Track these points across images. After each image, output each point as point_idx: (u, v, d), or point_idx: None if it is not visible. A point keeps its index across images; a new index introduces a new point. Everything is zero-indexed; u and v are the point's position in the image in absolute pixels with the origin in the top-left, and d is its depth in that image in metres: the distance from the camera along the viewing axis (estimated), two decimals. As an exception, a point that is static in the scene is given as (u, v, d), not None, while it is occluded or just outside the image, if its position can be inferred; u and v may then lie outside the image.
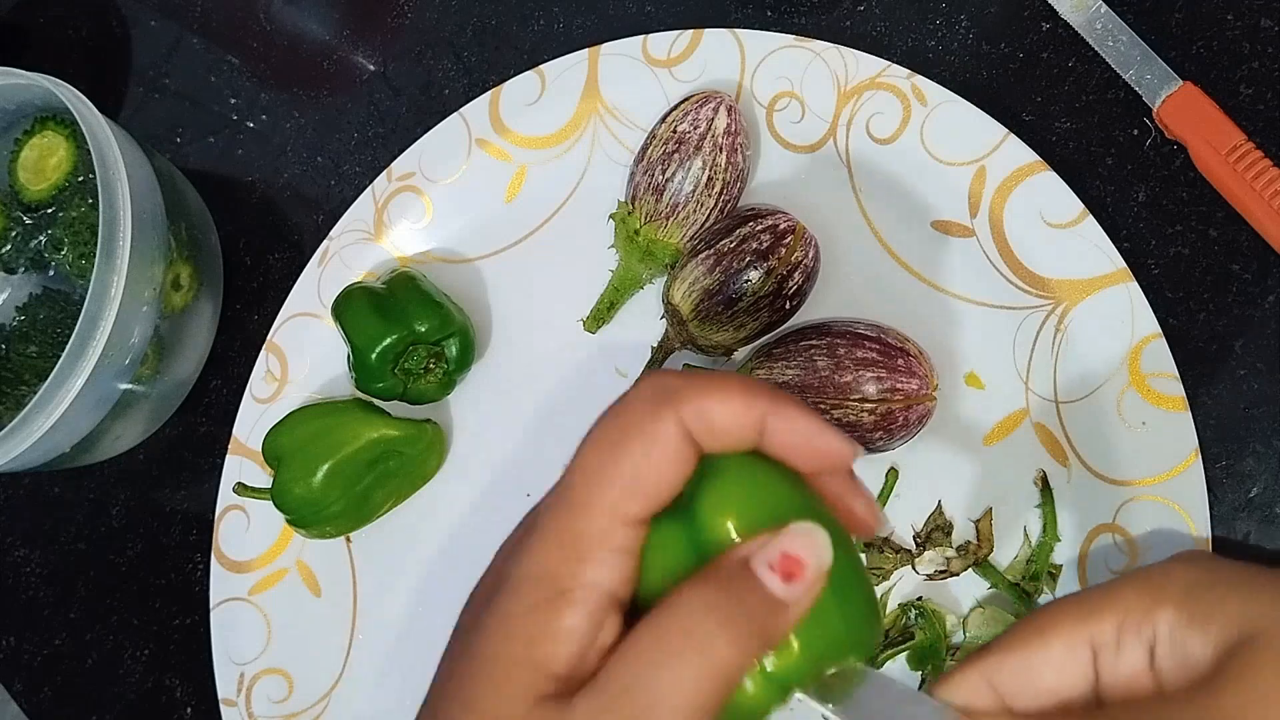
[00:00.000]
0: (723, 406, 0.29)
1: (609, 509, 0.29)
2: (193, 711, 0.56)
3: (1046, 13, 0.50)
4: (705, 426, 0.29)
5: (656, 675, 0.27)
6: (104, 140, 0.49)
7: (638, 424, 0.29)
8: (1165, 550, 0.44)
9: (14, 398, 0.54)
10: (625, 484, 0.29)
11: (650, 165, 0.49)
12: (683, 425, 0.29)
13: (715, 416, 0.29)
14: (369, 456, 0.50)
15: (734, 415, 0.29)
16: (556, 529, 0.29)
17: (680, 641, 0.27)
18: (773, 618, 0.28)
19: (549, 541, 0.29)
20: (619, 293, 0.51)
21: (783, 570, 0.28)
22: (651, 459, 0.29)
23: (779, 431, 0.30)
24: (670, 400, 0.29)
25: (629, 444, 0.29)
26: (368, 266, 0.55)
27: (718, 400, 0.29)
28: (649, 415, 0.29)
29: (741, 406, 0.29)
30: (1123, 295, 0.46)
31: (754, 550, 0.28)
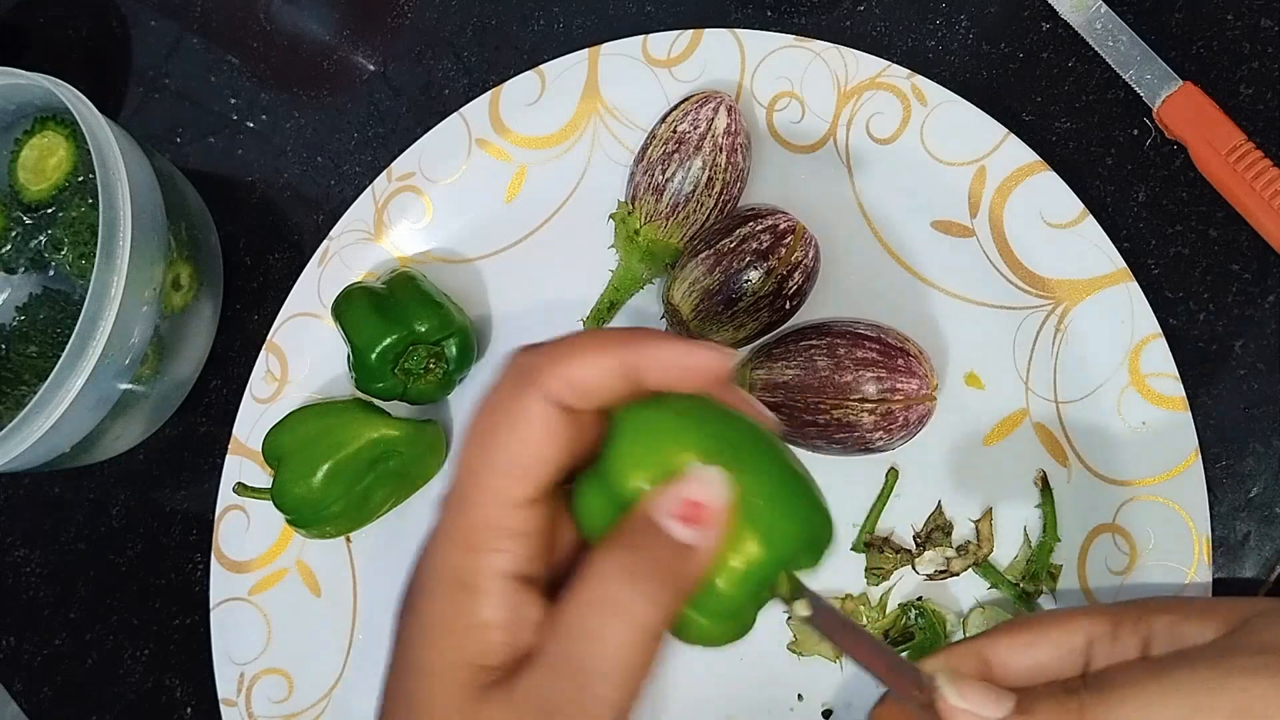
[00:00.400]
0: (582, 368, 0.30)
1: (493, 497, 0.29)
2: (193, 711, 0.56)
3: (1046, 13, 0.50)
4: (574, 391, 0.30)
5: (586, 647, 0.28)
6: (104, 140, 0.49)
7: (504, 408, 0.30)
8: (1165, 550, 0.44)
9: (14, 398, 0.54)
10: (503, 470, 0.29)
11: (650, 165, 0.49)
12: (548, 398, 0.29)
13: (578, 378, 0.30)
14: (369, 456, 0.50)
15: (596, 371, 0.30)
16: (450, 527, 0.30)
17: (601, 610, 0.28)
18: (684, 564, 0.28)
19: (446, 541, 0.30)
20: (619, 293, 0.51)
21: (685, 516, 0.28)
22: (523, 440, 0.29)
23: (647, 369, 0.30)
24: (530, 377, 0.30)
25: (498, 431, 0.30)
26: (368, 266, 0.55)
27: (575, 363, 0.30)
28: (512, 397, 0.30)
29: (599, 361, 0.30)
30: (1123, 295, 0.46)
31: (655, 503, 0.29)
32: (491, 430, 0.30)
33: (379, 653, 0.52)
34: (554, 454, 0.30)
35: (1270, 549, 0.46)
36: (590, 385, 0.30)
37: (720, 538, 0.29)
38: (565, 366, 0.30)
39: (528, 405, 0.29)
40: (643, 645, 0.28)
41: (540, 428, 0.29)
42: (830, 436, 0.45)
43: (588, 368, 0.30)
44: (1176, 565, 0.44)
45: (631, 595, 0.28)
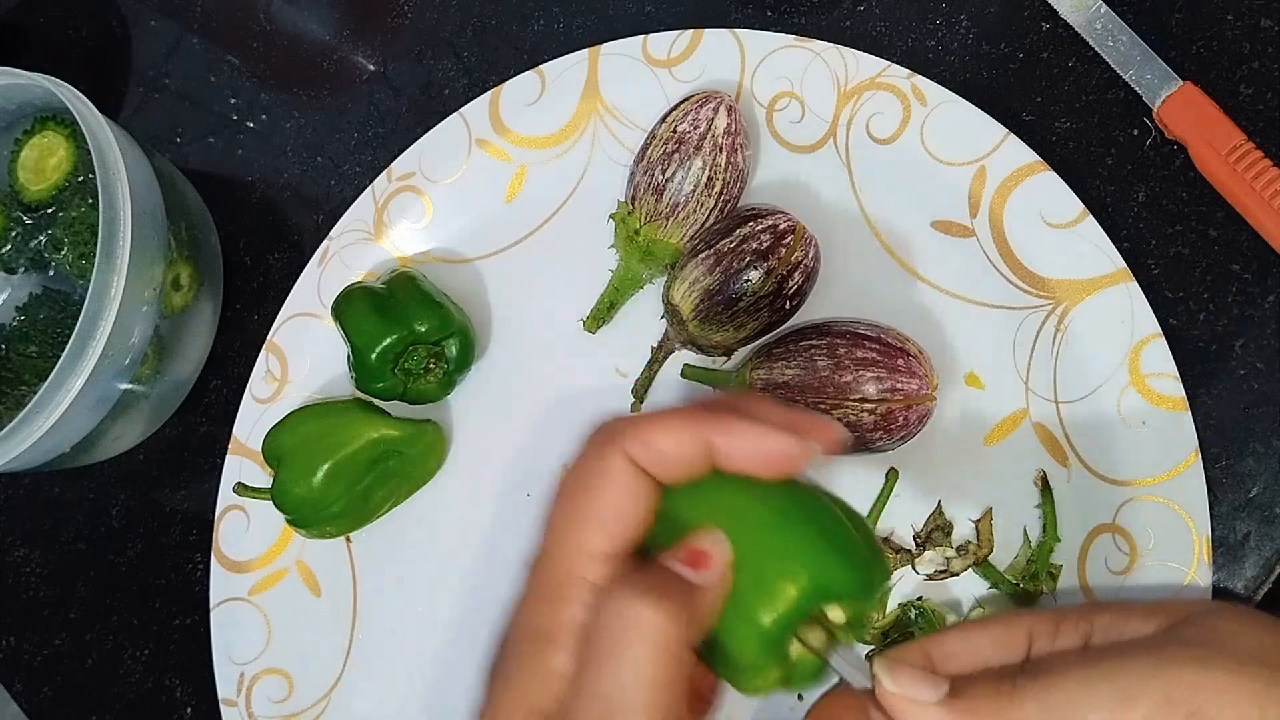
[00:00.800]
0: (664, 435, 0.32)
1: (574, 550, 0.31)
2: (193, 711, 0.56)
3: (1046, 13, 0.50)
4: (654, 457, 0.32)
5: (611, 667, 0.29)
6: (104, 140, 0.49)
7: (588, 468, 0.32)
8: (1165, 550, 0.44)
9: (14, 398, 0.54)
10: (583, 523, 0.32)
11: (650, 165, 0.49)
12: (629, 459, 0.32)
13: (659, 445, 0.32)
14: (369, 456, 0.50)
15: (677, 441, 0.32)
16: (535, 580, 0.32)
17: (620, 632, 0.29)
18: (690, 595, 0.30)
19: (530, 592, 0.32)
20: (619, 293, 0.51)
21: (689, 561, 0.30)
22: (604, 493, 0.32)
23: (726, 451, 0.32)
24: (614, 439, 0.32)
25: (581, 489, 0.32)
26: (368, 266, 0.55)
27: (658, 430, 0.32)
28: (596, 457, 0.32)
29: (680, 432, 0.32)
30: (1123, 295, 0.46)
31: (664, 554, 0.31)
32: (575, 489, 0.32)
33: (379, 653, 0.53)
34: (633, 510, 0.32)
35: (1270, 549, 0.46)
36: (669, 453, 0.32)
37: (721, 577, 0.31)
38: (647, 432, 0.32)
39: (610, 462, 0.32)
40: (663, 661, 0.29)
41: (621, 483, 0.31)
42: (830, 436, 0.45)
43: (669, 435, 0.32)
44: (1176, 565, 0.44)
45: (646, 611, 0.29)
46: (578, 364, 0.52)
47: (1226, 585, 0.46)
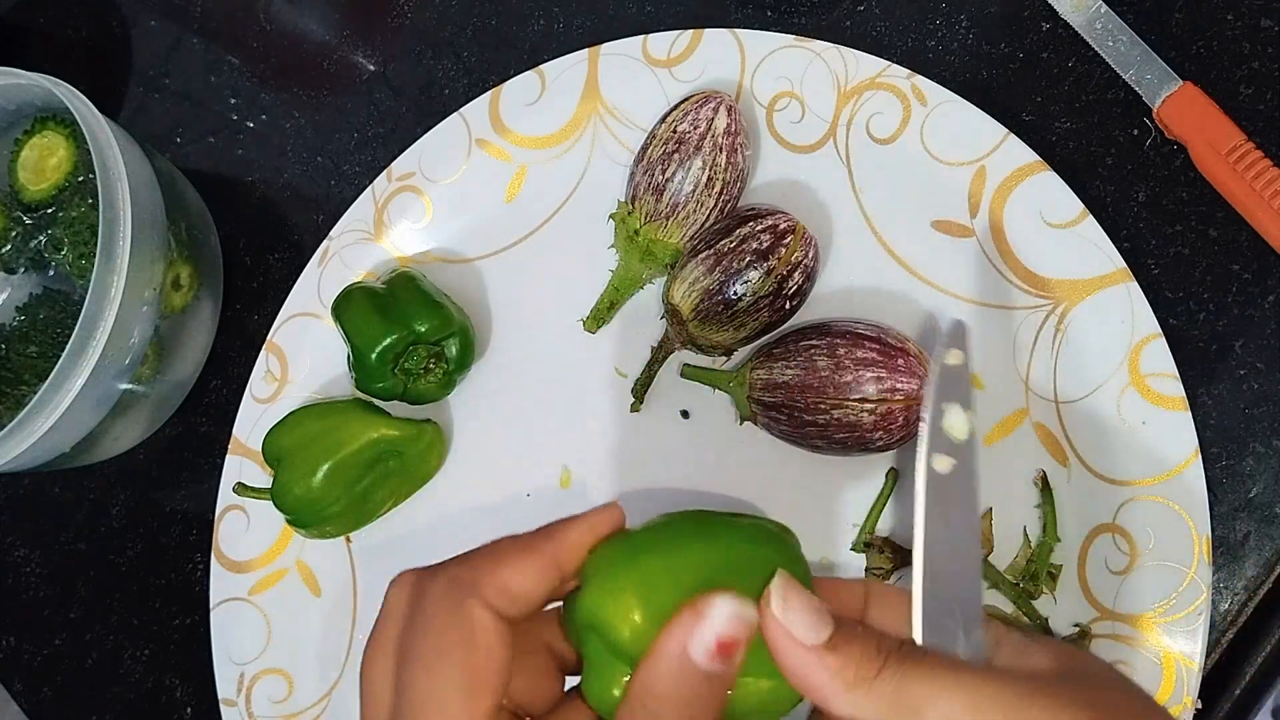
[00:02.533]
0: (516, 574, 0.30)
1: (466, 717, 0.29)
2: (193, 711, 0.56)
3: (1046, 13, 0.50)
4: (512, 599, 0.30)
5: None
6: (104, 140, 0.49)
7: (447, 625, 0.30)
8: (1165, 550, 0.44)
9: (14, 398, 0.54)
10: (463, 690, 0.29)
11: (650, 165, 0.49)
12: (492, 612, 0.30)
13: (515, 585, 0.30)
14: (369, 456, 0.50)
15: (530, 576, 0.31)
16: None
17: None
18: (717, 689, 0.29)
19: None
20: (619, 293, 0.51)
21: (720, 652, 0.29)
22: (478, 651, 0.29)
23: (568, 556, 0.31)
24: (467, 589, 0.30)
25: (447, 649, 0.29)
26: (368, 266, 0.55)
27: (509, 569, 0.30)
28: (452, 612, 0.30)
29: (530, 563, 0.31)
30: (1123, 295, 0.46)
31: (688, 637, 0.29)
32: (439, 651, 0.29)
33: (379, 653, 0.53)
34: (504, 658, 0.30)
35: (1270, 549, 0.46)
36: (527, 591, 0.30)
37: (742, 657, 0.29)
38: (499, 579, 0.30)
39: (474, 616, 0.29)
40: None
41: (493, 637, 0.30)
42: (830, 436, 0.45)
43: (521, 576, 0.30)
44: (1176, 565, 0.44)
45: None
46: (578, 364, 0.52)
47: (1226, 585, 0.46)
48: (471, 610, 0.30)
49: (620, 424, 0.51)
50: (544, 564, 0.31)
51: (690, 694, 0.29)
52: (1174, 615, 0.44)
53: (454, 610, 0.30)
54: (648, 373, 0.50)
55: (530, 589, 0.31)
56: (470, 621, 0.30)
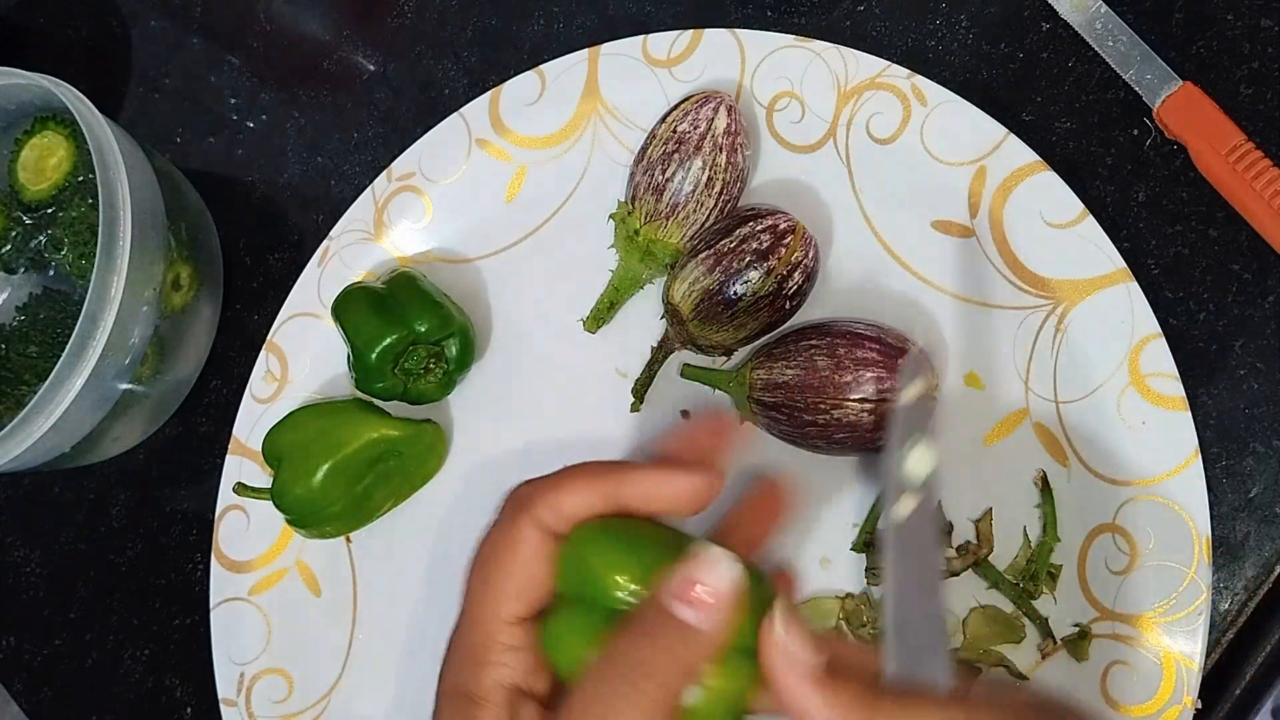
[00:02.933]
0: (570, 497, 0.34)
1: (492, 616, 0.34)
2: (193, 711, 0.56)
3: (1046, 13, 0.50)
4: (562, 520, 0.34)
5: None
6: (104, 140, 0.49)
7: (500, 537, 0.34)
8: (1165, 550, 0.44)
9: (14, 398, 0.54)
10: (500, 591, 0.34)
11: (650, 165, 0.49)
12: (539, 524, 0.34)
13: (567, 508, 0.34)
14: (369, 456, 0.50)
15: (582, 501, 0.34)
16: (457, 646, 0.34)
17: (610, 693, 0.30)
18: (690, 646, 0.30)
19: (453, 658, 0.34)
20: (619, 293, 0.51)
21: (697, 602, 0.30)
22: (517, 562, 0.34)
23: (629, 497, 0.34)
24: (524, 507, 0.34)
25: (496, 557, 0.34)
26: (368, 266, 0.55)
27: (565, 494, 0.34)
28: (508, 527, 0.34)
29: (586, 491, 0.34)
30: (1123, 295, 0.46)
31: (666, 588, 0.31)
32: (490, 557, 0.34)
33: (379, 653, 0.53)
34: (543, 574, 0.34)
35: (1270, 549, 0.46)
36: (576, 514, 0.34)
37: (726, 621, 0.31)
38: (555, 496, 0.34)
39: (522, 532, 0.34)
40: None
41: (531, 551, 0.34)
42: (830, 436, 0.45)
43: (576, 497, 0.34)
44: (1176, 565, 0.44)
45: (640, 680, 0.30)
46: (578, 364, 0.52)
47: (1226, 585, 0.46)
48: (520, 526, 0.34)
49: (620, 424, 0.51)
50: (599, 497, 0.34)
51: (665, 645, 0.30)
52: (1174, 615, 0.44)
53: (508, 523, 0.34)
54: (648, 373, 0.50)
55: (581, 511, 0.34)
56: (517, 535, 0.34)
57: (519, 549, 0.34)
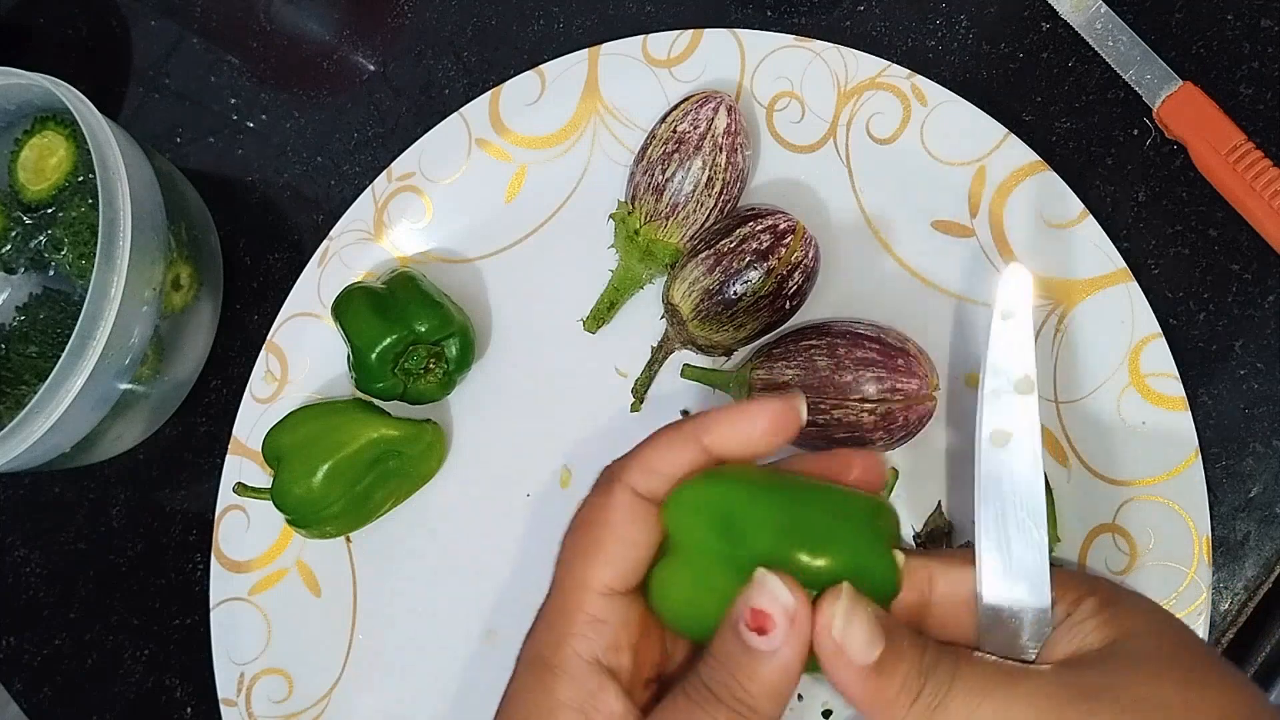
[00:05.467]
0: (661, 453, 0.33)
1: (580, 584, 0.33)
2: (193, 711, 0.56)
3: (1046, 13, 0.50)
4: (657, 480, 0.33)
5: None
6: (104, 140, 0.49)
7: (594, 503, 0.34)
8: (1165, 550, 0.44)
9: (14, 398, 0.54)
10: (588, 559, 0.33)
11: (650, 165, 0.49)
12: (631, 490, 0.33)
13: (659, 466, 0.33)
14: (369, 456, 0.50)
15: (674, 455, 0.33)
16: (543, 614, 0.34)
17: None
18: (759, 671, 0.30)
19: (538, 625, 0.34)
20: (619, 293, 0.51)
21: (754, 625, 0.30)
22: (606, 526, 0.33)
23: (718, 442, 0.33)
24: (614, 475, 0.34)
25: (588, 523, 0.33)
26: (368, 266, 0.55)
27: (653, 451, 0.33)
28: (601, 494, 0.34)
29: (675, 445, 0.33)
30: (1123, 295, 0.46)
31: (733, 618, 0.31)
32: (582, 525, 0.34)
33: (379, 653, 0.53)
34: (638, 538, 0.33)
35: (1270, 549, 0.46)
36: (670, 470, 0.33)
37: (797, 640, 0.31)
38: (644, 458, 0.33)
39: (615, 499, 0.33)
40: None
41: (622, 514, 0.33)
42: (830, 436, 0.45)
43: (666, 453, 0.33)
44: (1176, 565, 0.44)
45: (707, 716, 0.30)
46: (578, 364, 0.52)
47: (1226, 585, 0.46)
48: (612, 491, 0.33)
49: (620, 424, 0.51)
50: (686, 445, 0.33)
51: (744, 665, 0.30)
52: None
53: (600, 492, 0.34)
54: (648, 373, 0.50)
55: (671, 465, 0.33)
56: (608, 501, 0.33)
57: (611, 515, 0.33)
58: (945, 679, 0.31)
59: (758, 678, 0.30)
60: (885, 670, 0.31)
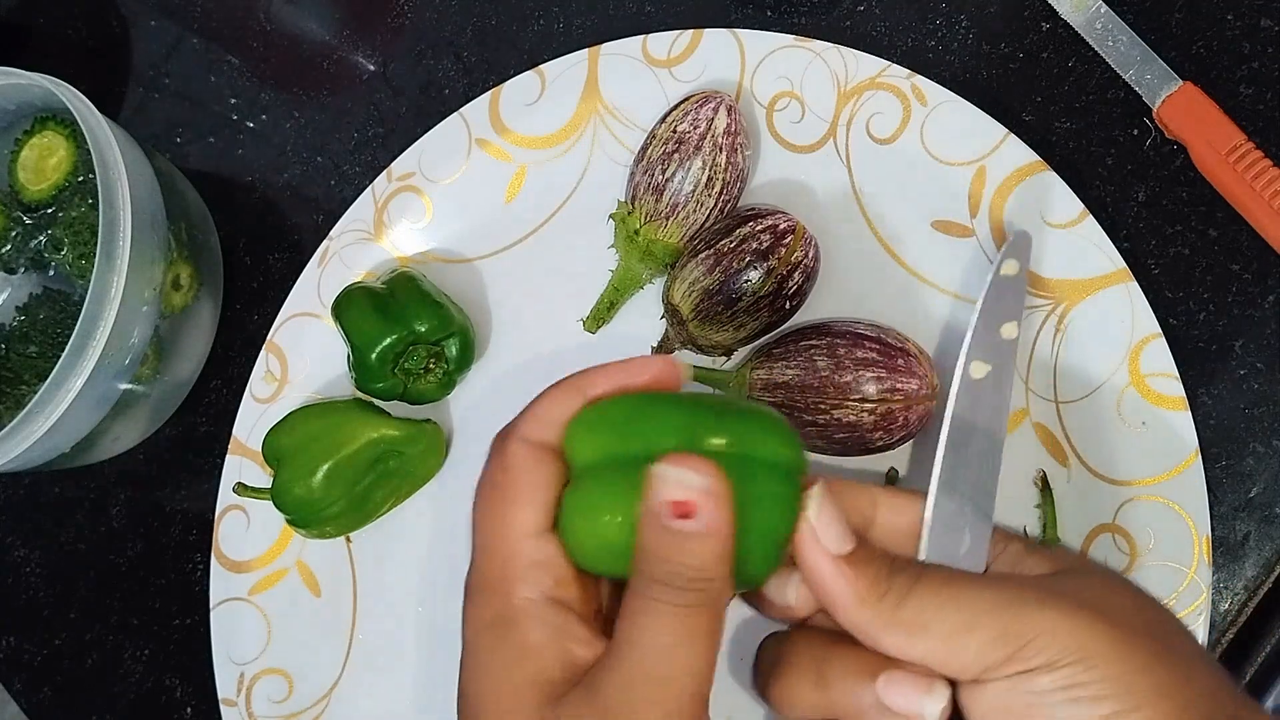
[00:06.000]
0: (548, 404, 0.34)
1: (503, 538, 0.33)
2: (193, 711, 0.56)
3: (1046, 13, 0.50)
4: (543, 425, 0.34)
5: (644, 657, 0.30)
6: (104, 140, 0.49)
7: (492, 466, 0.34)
8: (1165, 550, 0.44)
9: (14, 398, 0.54)
10: (504, 511, 0.33)
11: (650, 165, 0.49)
12: (524, 440, 0.34)
13: (546, 415, 0.34)
14: (369, 456, 0.50)
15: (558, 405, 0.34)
16: (477, 580, 0.34)
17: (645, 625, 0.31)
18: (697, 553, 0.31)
19: (474, 598, 0.34)
20: (619, 293, 0.51)
21: (678, 514, 0.31)
22: (513, 479, 0.33)
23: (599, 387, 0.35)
24: (506, 434, 0.34)
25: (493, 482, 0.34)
26: (368, 266, 0.55)
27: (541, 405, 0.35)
28: (496, 454, 0.34)
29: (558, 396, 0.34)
30: (1123, 295, 0.46)
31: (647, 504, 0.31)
32: (487, 486, 0.34)
33: (379, 653, 0.53)
34: (543, 479, 0.33)
35: (1270, 549, 0.46)
36: (556, 417, 0.34)
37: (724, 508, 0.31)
38: (534, 411, 0.35)
39: (512, 453, 0.34)
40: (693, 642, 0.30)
41: (522, 460, 0.33)
42: (830, 436, 0.45)
43: (554, 405, 0.34)
44: (1176, 565, 0.44)
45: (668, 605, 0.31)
46: (578, 364, 0.52)
47: (1226, 585, 0.46)
48: (506, 447, 0.34)
49: (620, 424, 0.51)
50: (573, 393, 0.35)
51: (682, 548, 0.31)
52: (1174, 615, 0.44)
53: (496, 453, 0.34)
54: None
55: (560, 414, 0.34)
56: (505, 456, 0.34)
57: (512, 463, 0.33)
58: (909, 580, 0.32)
59: (700, 553, 0.31)
60: (857, 563, 0.32)
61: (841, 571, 0.32)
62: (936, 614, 0.31)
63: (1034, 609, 0.30)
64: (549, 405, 0.34)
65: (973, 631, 0.31)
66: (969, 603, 0.31)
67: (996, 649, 0.30)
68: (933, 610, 0.31)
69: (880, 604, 0.32)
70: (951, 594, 0.31)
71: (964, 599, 0.31)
